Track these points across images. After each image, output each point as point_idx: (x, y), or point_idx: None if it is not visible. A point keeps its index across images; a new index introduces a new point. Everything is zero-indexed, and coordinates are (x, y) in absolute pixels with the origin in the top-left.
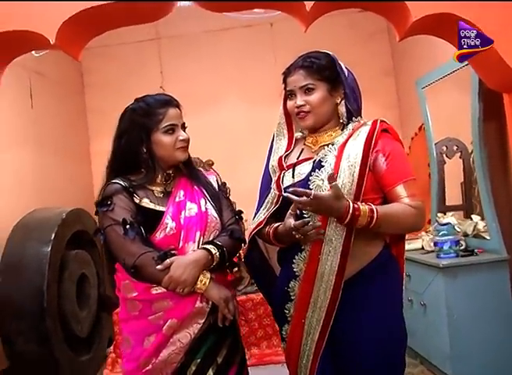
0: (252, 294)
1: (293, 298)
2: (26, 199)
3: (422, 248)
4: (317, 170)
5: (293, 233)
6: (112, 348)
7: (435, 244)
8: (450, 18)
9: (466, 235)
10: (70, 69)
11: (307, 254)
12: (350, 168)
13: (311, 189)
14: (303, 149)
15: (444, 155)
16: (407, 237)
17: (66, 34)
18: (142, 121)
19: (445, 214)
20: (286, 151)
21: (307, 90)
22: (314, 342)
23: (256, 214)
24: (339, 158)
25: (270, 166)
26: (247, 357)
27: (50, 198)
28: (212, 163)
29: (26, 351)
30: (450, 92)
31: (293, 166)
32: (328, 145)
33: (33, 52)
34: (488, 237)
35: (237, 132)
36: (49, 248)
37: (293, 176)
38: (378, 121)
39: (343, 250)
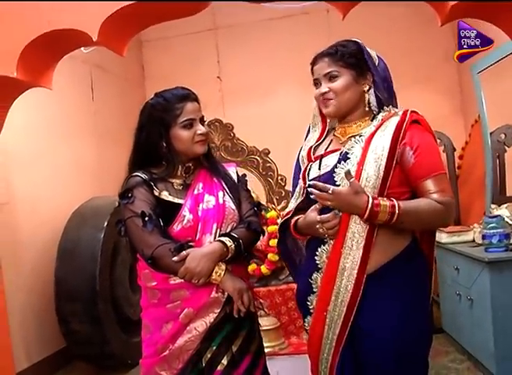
0: (293, 284)
1: (315, 290)
2: (85, 188)
3: (473, 240)
4: (342, 162)
5: (317, 226)
6: None
7: (484, 237)
8: None
9: None
10: (131, 63)
11: (330, 247)
12: (376, 161)
13: (335, 181)
14: (332, 140)
15: (503, 144)
16: (458, 228)
17: (108, 31)
18: (160, 116)
19: (499, 206)
20: (316, 142)
21: (331, 77)
22: (336, 336)
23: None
24: (365, 150)
25: (300, 157)
26: (284, 345)
27: (108, 187)
28: (268, 152)
29: (80, 331)
30: (508, 76)
31: (320, 157)
32: (355, 136)
33: (82, 49)
34: None
35: (293, 121)
36: (102, 235)
37: (319, 168)
38: (409, 112)
39: (366, 244)
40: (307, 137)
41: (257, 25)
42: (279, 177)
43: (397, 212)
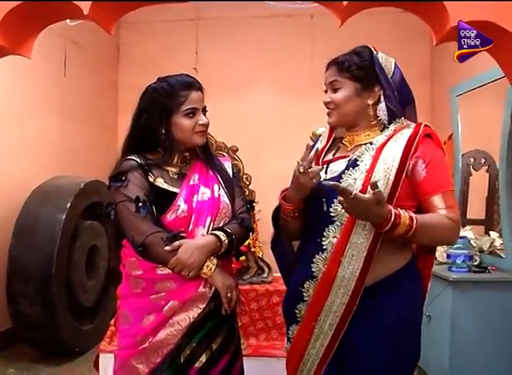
0: (256, 285)
1: (306, 298)
2: (49, 165)
3: (435, 258)
4: (351, 169)
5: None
6: (112, 321)
7: (448, 256)
8: (491, 27)
9: (482, 251)
10: (107, 42)
11: (329, 254)
12: (385, 171)
13: None
14: (339, 147)
15: (471, 167)
16: None
17: (100, 6)
18: (163, 102)
19: (463, 227)
20: (323, 148)
21: (334, 88)
22: (324, 347)
23: None
24: (376, 158)
25: None
26: (243, 346)
27: (72, 166)
28: (237, 149)
29: (30, 314)
30: (484, 103)
31: (328, 162)
32: (365, 144)
33: (67, 21)
34: (503, 256)
35: (264, 121)
36: (64, 216)
37: (325, 173)
38: (422, 125)
39: (368, 254)
40: (317, 139)
41: (239, 21)
42: (245, 176)
43: (414, 225)
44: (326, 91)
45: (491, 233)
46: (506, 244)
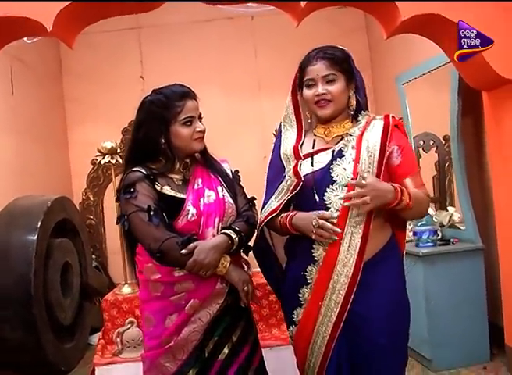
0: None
1: (309, 281)
2: (7, 186)
3: None
4: (338, 159)
5: (313, 223)
6: (101, 334)
7: (415, 233)
8: (438, 19)
9: (442, 226)
10: (50, 56)
11: None
12: (369, 158)
13: (332, 176)
14: (315, 140)
15: (421, 149)
16: None
17: (63, 22)
18: (160, 113)
19: None
20: (297, 142)
21: (329, 80)
22: (332, 323)
23: (265, 203)
24: (358, 148)
25: (282, 155)
26: None
27: (29, 185)
28: None
29: (11, 339)
30: (429, 89)
31: (311, 155)
32: (344, 136)
33: (25, 39)
34: (462, 228)
35: (215, 122)
36: (35, 236)
37: (312, 165)
38: (391, 116)
39: (364, 234)
40: (279, 136)
41: (180, 26)
42: None
43: (409, 199)
44: (311, 85)
45: (449, 208)
46: (466, 216)
